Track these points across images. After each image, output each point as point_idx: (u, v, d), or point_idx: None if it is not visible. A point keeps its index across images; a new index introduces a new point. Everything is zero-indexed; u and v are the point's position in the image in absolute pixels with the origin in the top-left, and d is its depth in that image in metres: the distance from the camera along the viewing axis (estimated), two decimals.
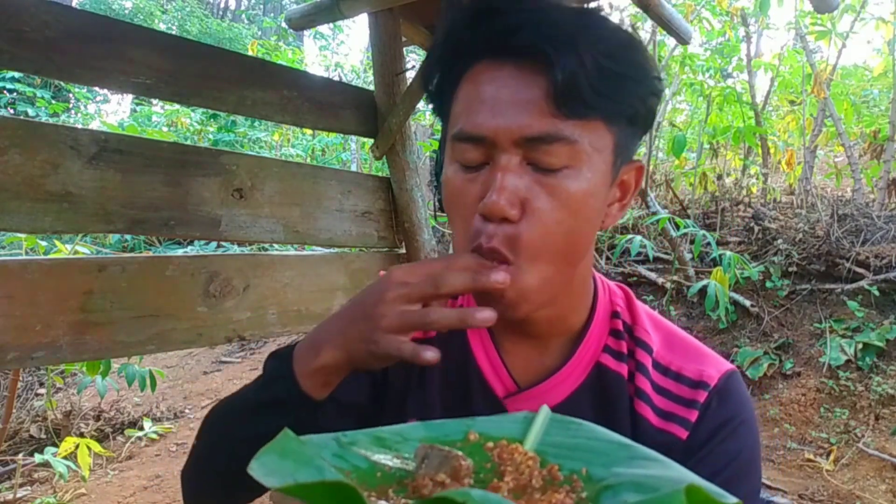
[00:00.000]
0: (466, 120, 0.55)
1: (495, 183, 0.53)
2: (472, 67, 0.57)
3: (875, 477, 2.48)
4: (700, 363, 0.65)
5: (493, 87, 0.54)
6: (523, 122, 0.53)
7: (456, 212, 0.58)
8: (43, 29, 1.23)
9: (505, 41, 0.54)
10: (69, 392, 3.78)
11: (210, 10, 17.24)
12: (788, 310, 3.53)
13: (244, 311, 1.56)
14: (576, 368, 0.65)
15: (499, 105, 0.54)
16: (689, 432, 0.61)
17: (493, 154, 0.54)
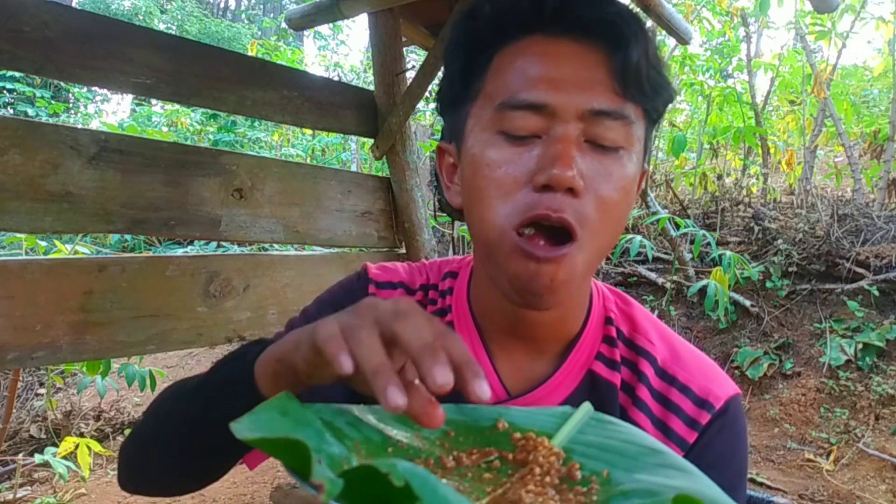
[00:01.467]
0: (521, 88, 0.53)
1: (560, 152, 0.51)
2: (517, 42, 0.55)
3: (875, 477, 2.48)
4: (708, 380, 0.62)
5: (552, 60, 0.53)
6: (589, 96, 0.52)
7: (495, 188, 0.54)
8: (43, 29, 1.23)
9: (568, 17, 0.54)
10: (69, 392, 3.78)
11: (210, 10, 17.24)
12: (788, 310, 3.53)
13: (244, 311, 1.56)
14: (567, 376, 0.63)
15: (562, 78, 0.53)
16: (684, 454, 0.58)
17: (550, 125, 0.53)
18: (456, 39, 0.60)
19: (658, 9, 1.84)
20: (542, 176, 0.51)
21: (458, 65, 0.59)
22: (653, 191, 4.80)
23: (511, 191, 0.53)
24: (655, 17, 1.87)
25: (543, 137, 0.53)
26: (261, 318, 1.60)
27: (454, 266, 0.71)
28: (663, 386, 0.62)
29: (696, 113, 6.10)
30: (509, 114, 0.53)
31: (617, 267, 4.32)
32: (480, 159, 0.55)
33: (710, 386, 0.61)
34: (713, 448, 0.59)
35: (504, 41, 0.56)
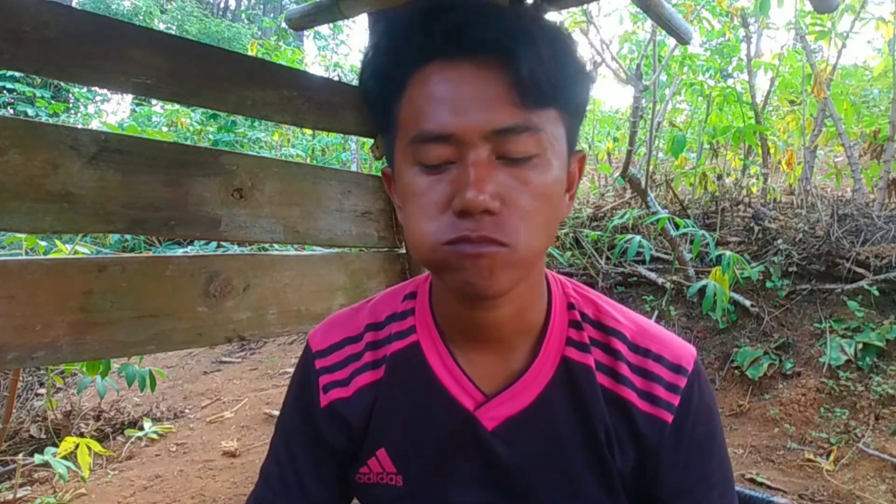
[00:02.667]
0: (428, 120, 0.55)
1: (471, 178, 0.53)
2: (419, 70, 0.56)
3: (875, 477, 2.48)
4: (673, 347, 0.68)
5: (451, 85, 0.54)
6: (491, 116, 0.54)
7: (421, 214, 0.57)
8: (43, 29, 1.23)
9: (460, 39, 0.54)
10: (69, 392, 3.78)
11: (210, 10, 17.23)
12: (788, 310, 3.52)
13: (244, 311, 1.56)
14: (543, 366, 0.66)
15: (462, 102, 0.54)
16: (673, 416, 0.64)
17: (460, 151, 0.55)
18: (366, 74, 0.61)
19: (658, 9, 1.84)
20: (458, 202, 0.54)
21: (373, 98, 0.61)
22: (653, 191, 4.80)
23: (435, 216, 0.56)
24: (655, 16, 1.87)
25: (457, 163, 0.55)
26: (261, 318, 1.60)
27: (411, 287, 0.74)
28: (639, 359, 0.66)
29: (696, 113, 6.10)
30: (421, 147, 0.56)
31: (617, 267, 4.32)
32: (407, 189, 0.58)
33: (678, 352, 0.67)
34: (696, 405, 0.65)
35: (409, 69, 0.57)
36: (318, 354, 0.72)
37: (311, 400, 0.71)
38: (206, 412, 3.71)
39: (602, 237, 4.52)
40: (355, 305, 0.76)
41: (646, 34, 4.99)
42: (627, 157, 4.27)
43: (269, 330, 1.63)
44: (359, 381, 0.69)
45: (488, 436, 0.65)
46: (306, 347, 0.74)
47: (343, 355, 0.71)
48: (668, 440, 0.64)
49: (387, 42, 0.59)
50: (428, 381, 0.67)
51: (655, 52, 4.44)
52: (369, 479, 0.69)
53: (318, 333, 0.74)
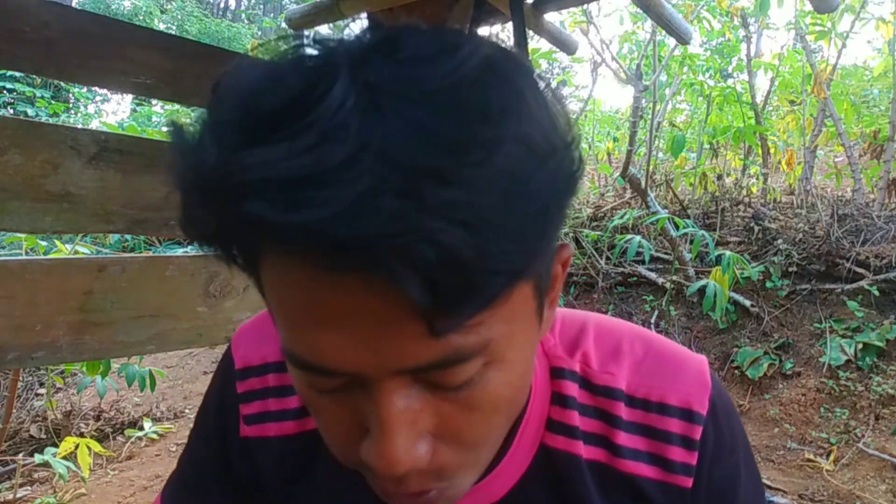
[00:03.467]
0: (301, 342, 0.35)
1: (383, 432, 0.35)
2: (268, 244, 0.34)
3: (875, 477, 2.48)
4: (679, 382, 0.52)
5: (326, 296, 0.32)
6: (400, 351, 0.33)
7: (324, 427, 0.41)
8: (43, 29, 1.23)
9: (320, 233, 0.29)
10: (69, 392, 3.78)
11: (209, 10, 17.25)
12: (788, 310, 3.53)
13: (244, 311, 1.56)
14: (515, 456, 0.52)
15: (351, 327, 0.33)
16: (693, 478, 0.51)
17: (363, 380, 0.35)
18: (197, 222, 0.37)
19: (658, 9, 1.84)
20: (368, 458, 0.36)
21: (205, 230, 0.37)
22: (653, 191, 4.81)
23: (343, 444, 0.40)
24: (655, 17, 1.87)
25: (361, 387, 0.36)
26: None
27: None
28: (639, 415, 0.52)
29: (695, 113, 6.10)
30: (303, 371, 0.37)
31: (616, 267, 4.32)
32: (297, 388, 0.41)
33: (686, 389, 0.52)
34: (715, 450, 0.52)
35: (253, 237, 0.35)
36: (239, 374, 0.57)
37: (229, 424, 0.57)
38: None
39: (602, 237, 4.53)
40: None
41: (646, 34, 4.99)
42: (627, 157, 4.28)
43: None
44: (276, 427, 0.54)
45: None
46: (227, 357, 0.59)
47: (264, 384, 0.56)
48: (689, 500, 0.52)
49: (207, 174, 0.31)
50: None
51: (655, 52, 4.44)
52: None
53: (242, 340, 0.59)
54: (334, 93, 0.29)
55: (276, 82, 0.31)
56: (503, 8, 1.75)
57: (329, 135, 0.28)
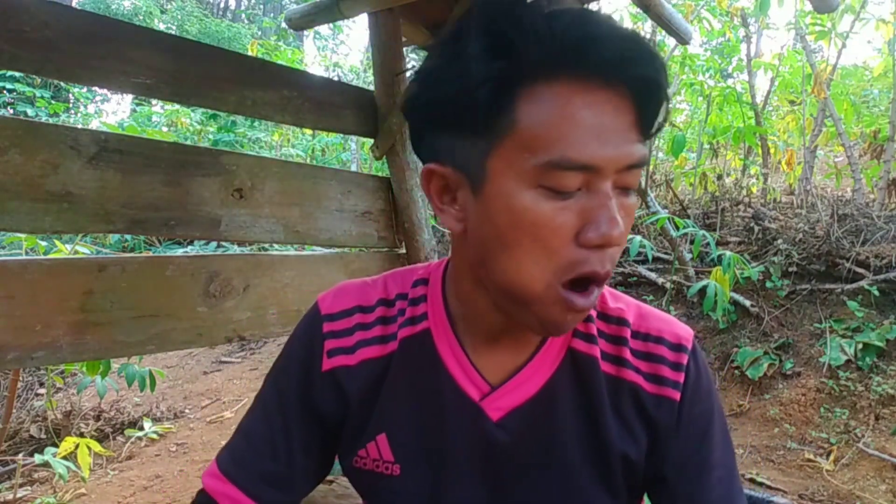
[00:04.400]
0: (573, 147, 0.50)
1: (609, 213, 0.52)
2: (546, 81, 0.51)
3: (875, 477, 2.48)
4: (671, 326, 0.68)
5: (593, 112, 0.51)
6: (627, 150, 0.52)
7: (537, 241, 0.53)
8: (43, 29, 1.23)
9: (610, 66, 0.51)
10: (69, 392, 3.78)
11: (210, 10, 17.24)
12: (788, 310, 3.52)
13: (244, 311, 1.56)
14: (547, 358, 0.65)
15: (604, 133, 0.51)
16: (680, 393, 0.65)
17: (592, 182, 0.52)
18: (469, 67, 0.52)
19: (658, 9, 1.84)
20: (595, 236, 0.52)
21: (471, 93, 0.52)
22: (653, 191, 4.81)
23: (557, 248, 0.53)
24: (655, 16, 1.87)
25: (583, 191, 0.52)
26: (261, 318, 1.60)
27: (421, 273, 0.72)
28: (640, 344, 0.67)
29: (696, 113, 6.10)
30: (555, 173, 0.51)
31: (617, 267, 4.32)
32: (520, 212, 0.53)
33: (675, 331, 0.67)
34: (698, 381, 0.66)
35: (533, 78, 0.51)
36: (326, 318, 0.69)
37: (313, 362, 0.68)
38: (206, 412, 3.71)
39: None
40: (366, 279, 0.74)
41: (646, 34, 4.99)
42: None
43: (269, 330, 1.63)
44: (365, 352, 0.68)
45: (492, 426, 0.64)
46: (314, 309, 0.71)
47: (352, 322, 0.69)
48: (676, 419, 0.65)
49: (499, 42, 0.51)
50: (436, 370, 0.66)
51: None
52: (365, 464, 0.68)
53: (328, 297, 0.72)
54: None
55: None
56: None
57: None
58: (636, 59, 0.51)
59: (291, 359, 0.71)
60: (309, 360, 0.69)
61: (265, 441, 0.69)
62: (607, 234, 0.51)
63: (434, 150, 0.59)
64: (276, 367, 0.73)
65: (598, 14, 0.52)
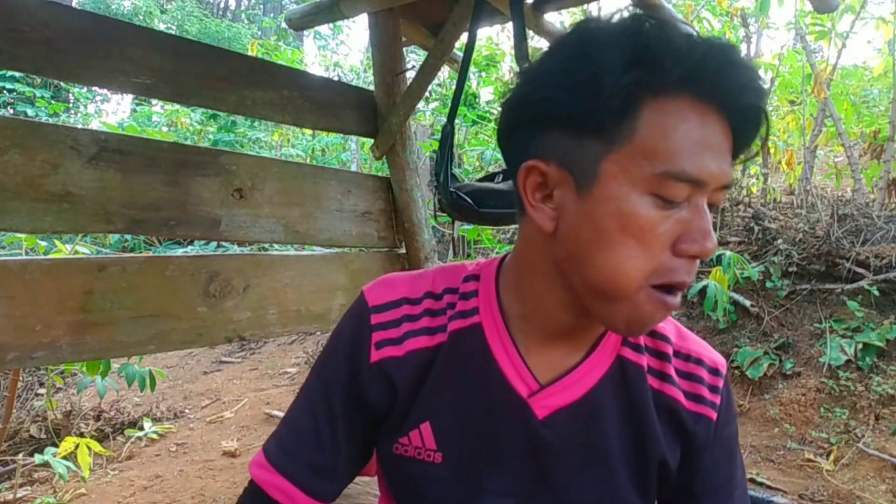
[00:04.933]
0: (690, 161, 0.54)
1: (706, 227, 0.56)
2: (667, 96, 0.54)
3: (875, 477, 2.48)
4: (708, 351, 0.73)
5: (707, 131, 0.55)
6: (728, 170, 0.56)
7: (640, 245, 0.56)
8: (43, 29, 1.23)
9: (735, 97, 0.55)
10: (69, 392, 3.78)
11: (209, 10, 17.24)
12: (788, 310, 3.52)
13: (244, 311, 1.56)
14: (598, 362, 0.68)
15: (715, 151, 0.55)
16: (717, 413, 0.69)
17: (695, 194, 0.56)
18: (605, 72, 0.54)
19: (658, 9, 1.84)
20: (693, 247, 0.56)
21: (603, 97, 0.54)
22: None
23: (656, 253, 0.56)
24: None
25: (685, 203, 0.56)
26: (261, 318, 1.60)
27: (473, 269, 0.73)
28: (682, 363, 0.71)
29: None
30: (670, 183, 0.54)
31: None
32: (629, 216, 0.55)
33: (712, 356, 0.72)
34: (728, 404, 0.72)
35: (663, 92, 0.54)
36: (374, 309, 0.70)
37: (361, 354, 0.69)
38: (206, 412, 3.71)
39: None
40: (412, 272, 0.75)
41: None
42: None
43: (269, 330, 1.63)
44: (412, 343, 0.69)
45: (538, 423, 0.66)
46: (360, 301, 0.72)
47: (399, 314, 0.70)
48: (711, 437, 0.70)
49: (643, 53, 0.54)
50: (486, 364, 0.67)
51: None
52: (406, 451, 0.69)
53: (374, 289, 0.72)
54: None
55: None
56: (503, 8, 1.75)
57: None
58: (755, 91, 0.55)
59: (338, 350, 0.72)
60: (356, 352, 0.69)
61: (311, 432, 0.70)
62: (704, 248, 0.55)
63: (534, 147, 0.60)
64: (322, 358, 0.74)
65: (729, 44, 0.55)
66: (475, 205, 1.63)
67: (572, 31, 0.59)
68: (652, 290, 0.57)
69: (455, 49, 1.98)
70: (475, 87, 5.44)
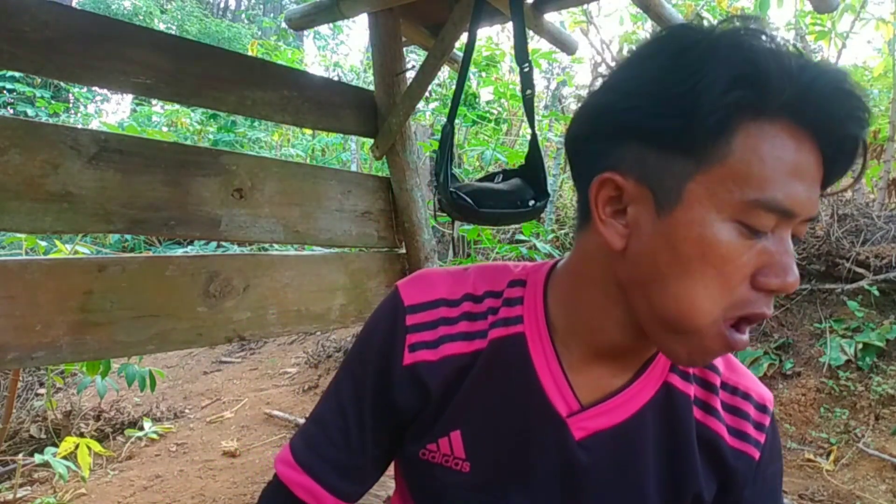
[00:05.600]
0: (783, 191, 0.50)
1: (787, 260, 0.52)
2: (765, 119, 0.50)
3: (875, 477, 2.48)
4: (757, 386, 0.70)
5: (801, 160, 0.51)
6: (816, 203, 0.53)
7: (719, 276, 0.52)
8: (43, 29, 1.23)
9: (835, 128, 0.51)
10: (69, 392, 3.78)
11: (210, 10, 17.24)
12: (788, 310, 3.53)
13: (244, 311, 1.56)
14: (644, 387, 0.65)
15: (807, 181, 0.52)
16: (760, 453, 0.67)
17: (781, 225, 0.52)
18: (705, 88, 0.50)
19: (658, 9, 1.84)
20: (774, 282, 0.52)
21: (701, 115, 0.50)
22: None
23: (735, 285, 0.52)
24: (655, 17, 1.87)
25: (769, 234, 0.52)
26: (261, 318, 1.60)
27: (518, 274, 0.69)
28: (729, 396, 0.68)
29: None
30: (759, 212, 0.50)
31: None
32: (712, 244, 0.51)
33: (761, 392, 0.69)
34: (773, 443, 0.69)
35: (757, 114, 0.50)
36: (409, 309, 0.66)
37: (394, 356, 0.66)
38: (206, 412, 3.71)
39: None
40: (450, 269, 0.71)
41: (646, 34, 4.99)
42: None
43: (269, 330, 1.63)
44: (448, 348, 0.65)
45: (574, 444, 0.63)
46: (395, 298, 0.68)
47: (436, 316, 0.66)
48: (752, 475, 0.67)
49: (750, 72, 0.49)
50: (525, 377, 0.64)
51: None
52: (434, 457, 0.66)
53: (410, 286, 0.68)
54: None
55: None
56: (503, 8, 1.75)
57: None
58: (858, 122, 0.51)
59: (371, 348, 0.69)
60: (389, 353, 0.66)
61: (339, 431, 0.68)
62: (785, 283, 0.52)
63: (611, 159, 0.55)
64: (353, 355, 0.71)
65: (841, 72, 0.51)
66: (475, 205, 1.63)
67: (668, 37, 0.55)
68: (724, 325, 0.53)
69: (455, 49, 1.98)
70: (475, 87, 5.44)
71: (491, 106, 5.51)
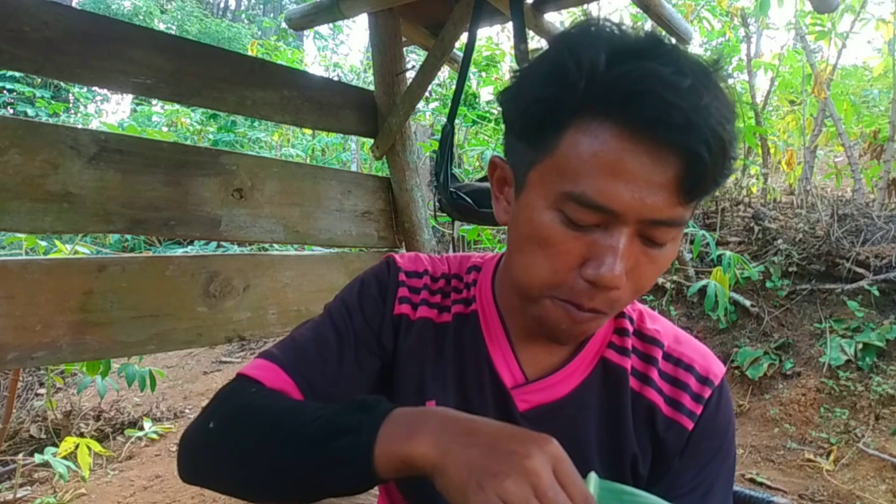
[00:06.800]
0: (594, 187, 0.51)
1: (614, 257, 0.53)
2: (594, 120, 0.51)
3: (875, 477, 2.48)
4: (706, 360, 0.70)
5: (626, 159, 0.50)
6: (655, 205, 0.51)
7: (546, 258, 0.56)
8: (43, 29, 1.23)
9: (658, 124, 0.49)
10: (69, 392, 3.78)
11: (210, 10, 17.24)
12: (788, 310, 3.52)
13: (244, 311, 1.57)
14: (580, 365, 0.69)
15: (632, 182, 0.51)
16: (694, 424, 0.67)
17: (610, 223, 0.53)
18: (533, 85, 0.54)
19: (658, 9, 1.84)
20: (591, 273, 0.54)
21: (528, 108, 0.55)
22: None
23: (559, 269, 0.56)
24: (655, 17, 1.87)
25: (601, 228, 0.54)
26: (261, 318, 1.60)
27: (477, 261, 0.77)
28: (670, 367, 0.70)
29: None
30: (572, 204, 0.53)
31: None
32: (537, 227, 0.56)
33: (709, 365, 0.70)
34: (715, 417, 0.68)
35: (584, 110, 0.52)
36: (402, 270, 0.74)
37: (387, 301, 0.72)
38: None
39: None
40: (433, 255, 0.79)
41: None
42: None
43: (269, 330, 1.63)
44: (424, 311, 0.72)
45: (518, 416, 0.68)
46: (389, 261, 0.75)
47: (421, 283, 0.74)
48: (683, 446, 0.68)
49: (556, 70, 0.52)
50: (478, 351, 0.70)
51: None
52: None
53: (402, 257, 0.76)
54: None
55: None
56: (503, 8, 1.75)
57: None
58: (682, 128, 0.48)
59: (366, 294, 0.72)
60: (383, 298, 0.72)
61: (318, 350, 0.68)
62: (598, 275, 0.53)
63: (505, 146, 0.63)
64: (346, 297, 0.73)
65: (669, 71, 0.49)
66: (475, 205, 1.64)
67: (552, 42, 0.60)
68: (556, 300, 0.57)
69: (455, 49, 1.98)
70: (475, 87, 5.44)
71: (491, 106, 5.51)
